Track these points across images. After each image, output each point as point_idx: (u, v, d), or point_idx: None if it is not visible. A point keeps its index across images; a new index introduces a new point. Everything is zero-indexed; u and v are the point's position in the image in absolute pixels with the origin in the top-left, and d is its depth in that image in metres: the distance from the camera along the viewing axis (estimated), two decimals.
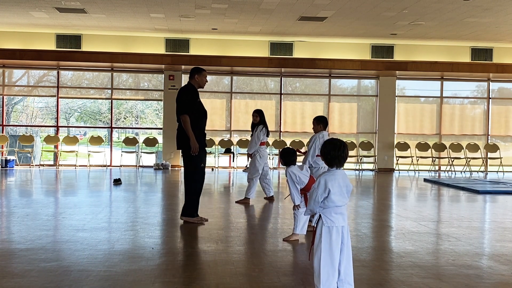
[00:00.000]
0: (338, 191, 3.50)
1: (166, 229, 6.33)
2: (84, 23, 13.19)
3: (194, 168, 6.49)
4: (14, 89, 16.17)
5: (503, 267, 4.76)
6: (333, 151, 3.53)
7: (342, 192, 3.52)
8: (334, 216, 3.51)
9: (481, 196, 9.95)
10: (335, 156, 3.53)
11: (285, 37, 14.65)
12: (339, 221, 3.52)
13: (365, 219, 7.28)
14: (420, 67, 14.80)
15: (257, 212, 7.86)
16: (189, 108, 6.38)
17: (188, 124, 6.32)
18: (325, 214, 3.52)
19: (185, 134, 6.38)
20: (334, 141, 3.60)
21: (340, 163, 3.56)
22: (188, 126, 6.32)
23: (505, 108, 16.36)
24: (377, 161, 15.53)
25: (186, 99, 6.42)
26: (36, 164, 15.07)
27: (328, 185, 3.48)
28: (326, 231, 3.50)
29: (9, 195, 9.20)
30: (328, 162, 3.58)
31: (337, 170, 3.56)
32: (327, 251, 3.48)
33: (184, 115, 6.34)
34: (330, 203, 3.50)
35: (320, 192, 3.49)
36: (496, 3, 10.42)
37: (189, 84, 6.62)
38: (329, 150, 3.55)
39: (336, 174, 3.54)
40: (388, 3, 10.65)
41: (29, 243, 5.29)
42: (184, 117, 6.33)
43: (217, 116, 15.69)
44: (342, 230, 3.53)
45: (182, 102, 6.40)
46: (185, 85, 6.67)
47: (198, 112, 6.50)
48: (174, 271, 4.44)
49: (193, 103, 6.45)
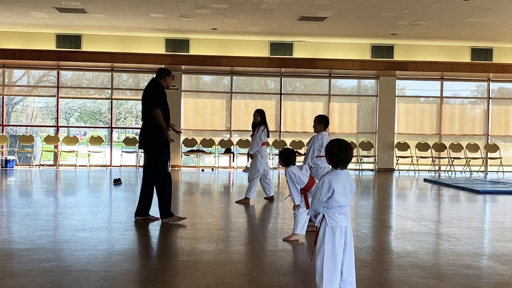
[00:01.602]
0: (342, 191, 3.50)
1: (166, 229, 6.32)
2: (84, 23, 13.19)
3: (159, 166, 6.48)
4: (14, 89, 16.18)
5: (503, 267, 4.76)
6: (339, 153, 3.52)
7: (346, 192, 3.52)
8: (337, 217, 3.50)
9: (481, 196, 9.94)
10: (341, 157, 3.52)
11: (285, 37, 14.65)
12: (343, 221, 3.51)
13: (365, 219, 7.28)
14: (420, 67, 14.80)
15: (257, 212, 7.86)
16: (160, 104, 6.40)
17: (161, 117, 6.34)
18: (329, 214, 3.51)
19: (149, 132, 6.40)
20: (340, 142, 3.59)
21: (345, 165, 3.56)
22: (161, 118, 6.34)
23: (505, 108, 16.36)
24: (377, 161, 15.53)
25: (158, 94, 6.44)
26: (36, 164, 15.07)
27: (332, 184, 3.48)
28: (330, 231, 3.49)
29: (9, 195, 9.20)
30: (333, 163, 3.57)
31: (341, 170, 3.56)
32: (330, 251, 3.47)
33: (156, 109, 6.35)
34: (334, 203, 3.49)
35: (324, 192, 3.49)
36: (496, 3, 10.42)
37: (157, 81, 6.61)
38: (335, 151, 3.54)
39: (340, 174, 3.54)
40: (388, 3, 10.65)
41: (29, 243, 5.29)
42: (156, 111, 6.34)
43: (217, 116, 15.69)
44: (346, 230, 3.52)
45: (154, 97, 6.43)
46: (155, 80, 6.64)
47: (165, 110, 6.50)
48: (174, 271, 4.44)
49: (163, 100, 6.47)
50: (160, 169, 6.50)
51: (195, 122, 15.49)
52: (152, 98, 6.42)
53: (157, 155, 6.50)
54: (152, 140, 6.44)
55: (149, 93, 6.48)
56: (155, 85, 6.53)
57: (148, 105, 6.42)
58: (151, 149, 6.53)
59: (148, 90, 6.52)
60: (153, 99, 6.42)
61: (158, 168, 6.51)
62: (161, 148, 6.46)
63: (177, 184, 11.48)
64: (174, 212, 6.67)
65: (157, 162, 6.51)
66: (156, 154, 6.50)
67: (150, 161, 6.58)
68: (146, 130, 6.51)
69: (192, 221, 6.82)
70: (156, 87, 6.51)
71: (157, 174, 6.51)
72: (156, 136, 6.41)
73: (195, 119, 15.49)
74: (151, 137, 6.44)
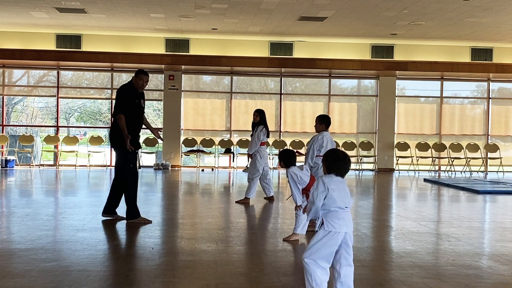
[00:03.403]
0: (336, 189, 3.49)
1: (166, 229, 6.33)
2: (84, 23, 13.19)
3: (124, 167, 6.46)
4: (14, 89, 16.18)
5: (503, 267, 4.76)
6: (335, 162, 3.55)
7: (342, 191, 3.51)
8: (336, 222, 3.47)
9: (481, 196, 9.94)
10: (337, 166, 3.55)
11: (285, 37, 14.65)
12: (341, 227, 3.47)
13: (365, 219, 7.28)
14: (420, 67, 14.80)
15: (257, 212, 7.86)
16: (125, 108, 6.37)
17: (123, 123, 6.32)
18: (327, 219, 3.49)
19: (118, 134, 6.39)
20: (337, 151, 3.63)
21: (340, 174, 3.56)
22: (123, 124, 6.33)
23: (505, 108, 16.36)
24: (377, 161, 15.53)
25: (124, 98, 6.43)
26: (36, 164, 15.07)
27: (326, 183, 3.49)
28: (326, 234, 3.47)
29: (9, 195, 9.20)
30: (327, 170, 3.58)
31: (336, 176, 3.56)
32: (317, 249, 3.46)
33: (119, 115, 6.34)
34: (331, 203, 3.48)
35: (321, 191, 3.48)
36: (496, 3, 10.42)
37: (130, 83, 6.60)
38: (332, 160, 3.57)
39: (333, 177, 3.55)
40: (388, 3, 10.65)
41: (29, 243, 5.29)
42: (119, 116, 6.34)
43: (217, 116, 15.69)
44: (345, 236, 3.49)
45: (119, 101, 6.43)
46: (126, 83, 6.65)
47: (133, 113, 6.46)
48: (174, 271, 4.44)
49: (130, 103, 6.44)
50: (123, 169, 6.48)
51: (195, 122, 15.48)
52: (116, 104, 6.44)
53: (121, 155, 6.49)
54: (118, 140, 6.43)
55: (116, 98, 6.50)
56: (122, 90, 6.51)
57: (114, 110, 6.47)
58: (117, 149, 6.54)
59: (116, 94, 6.54)
60: (116, 105, 6.43)
61: (122, 169, 6.50)
62: (127, 149, 6.42)
63: (177, 184, 11.48)
64: (171, 212, 6.65)
65: (121, 163, 6.52)
66: (121, 155, 6.50)
67: (116, 160, 6.63)
68: (113, 131, 6.51)
69: (192, 221, 6.83)
70: (122, 91, 6.49)
71: (120, 174, 6.52)
72: (121, 138, 6.40)
73: (195, 119, 15.48)
74: (118, 138, 6.43)
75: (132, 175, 6.54)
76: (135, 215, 6.52)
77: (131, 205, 6.51)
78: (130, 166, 6.48)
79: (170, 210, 7.78)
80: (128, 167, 6.47)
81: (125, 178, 6.50)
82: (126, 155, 6.45)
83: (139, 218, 6.53)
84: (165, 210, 7.78)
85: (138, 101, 6.53)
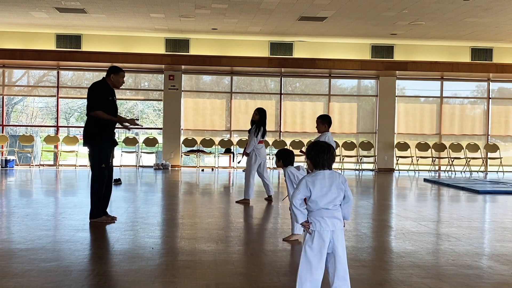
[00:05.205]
0: (320, 192, 3.40)
1: (166, 229, 6.33)
2: (84, 23, 13.19)
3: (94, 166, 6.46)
4: (14, 89, 16.17)
5: (503, 267, 4.76)
6: (322, 154, 3.46)
7: (327, 192, 3.41)
8: (320, 220, 3.41)
9: (481, 196, 9.94)
10: (324, 159, 3.46)
11: (285, 37, 14.65)
12: (328, 225, 3.40)
13: (365, 219, 7.27)
14: (420, 67, 14.80)
15: (257, 212, 7.86)
16: (101, 105, 6.37)
17: (104, 115, 6.34)
18: (312, 218, 3.44)
19: (91, 131, 6.39)
20: (320, 143, 3.54)
21: (324, 166, 3.47)
22: (106, 116, 6.35)
23: (505, 108, 16.36)
24: (377, 161, 15.53)
25: (96, 96, 6.42)
26: (36, 164, 15.07)
27: (309, 185, 3.41)
28: (310, 235, 3.43)
29: (9, 195, 9.20)
30: (313, 165, 3.50)
31: (322, 171, 3.47)
32: (306, 256, 3.42)
33: (96, 112, 6.34)
34: (313, 205, 3.42)
35: (302, 191, 3.42)
36: (496, 3, 10.42)
37: (103, 80, 6.59)
38: (317, 154, 3.48)
39: (318, 175, 3.45)
40: (388, 3, 10.65)
41: (29, 243, 5.28)
42: (96, 113, 6.34)
43: (217, 116, 15.69)
44: (332, 234, 3.40)
45: (92, 99, 6.42)
46: (98, 81, 6.64)
47: (109, 110, 6.45)
48: (174, 271, 4.44)
49: (104, 101, 6.43)
50: (93, 169, 6.48)
51: (195, 122, 15.48)
52: (90, 102, 6.42)
53: (92, 154, 6.48)
54: (90, 139, 6.43)
55: (89, 95, 6.48)
56: (95, 87, 6.50)
57: (87, 107, 6.46)
58: (89, 147, 6.52)
59: (89, 92, 6.51)
60: (90, 102, 6.41)
61: (92, 168, 6.50)
62: (99, 148, 6.42)
63: (177, 184, 11.48)
64: (171, 212, 6.64)
65: (92, 162, 6.51)
66: (92, 154, 6.49)
67: (89, 159, 6.61)
68: (86, 128, 6.50)
69: (192, 221, 6.83)
70: (95, 89, 6.48)
71: (92, 173, 6.51)
72: (94, 136, 6.40)
73: (195, 119, 15.48)
74: (90, 136, 6.43)
75: (101, 175, 6.48)
76: (96, 215, 6.47)
77: (94, 204, 6.48)
78: (101, 166, 6.44)
79: (170, 210, 7.77)
80: (99, 167, 6.44)
81: (92, 176, 6.48)
82: (99, 154, 6.44)
83: (102, 217, 6.51)
84: (165, 210, 7.78)
85: (111, 98, 6.53)
